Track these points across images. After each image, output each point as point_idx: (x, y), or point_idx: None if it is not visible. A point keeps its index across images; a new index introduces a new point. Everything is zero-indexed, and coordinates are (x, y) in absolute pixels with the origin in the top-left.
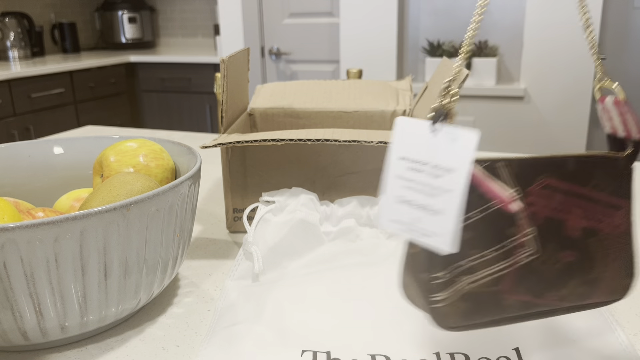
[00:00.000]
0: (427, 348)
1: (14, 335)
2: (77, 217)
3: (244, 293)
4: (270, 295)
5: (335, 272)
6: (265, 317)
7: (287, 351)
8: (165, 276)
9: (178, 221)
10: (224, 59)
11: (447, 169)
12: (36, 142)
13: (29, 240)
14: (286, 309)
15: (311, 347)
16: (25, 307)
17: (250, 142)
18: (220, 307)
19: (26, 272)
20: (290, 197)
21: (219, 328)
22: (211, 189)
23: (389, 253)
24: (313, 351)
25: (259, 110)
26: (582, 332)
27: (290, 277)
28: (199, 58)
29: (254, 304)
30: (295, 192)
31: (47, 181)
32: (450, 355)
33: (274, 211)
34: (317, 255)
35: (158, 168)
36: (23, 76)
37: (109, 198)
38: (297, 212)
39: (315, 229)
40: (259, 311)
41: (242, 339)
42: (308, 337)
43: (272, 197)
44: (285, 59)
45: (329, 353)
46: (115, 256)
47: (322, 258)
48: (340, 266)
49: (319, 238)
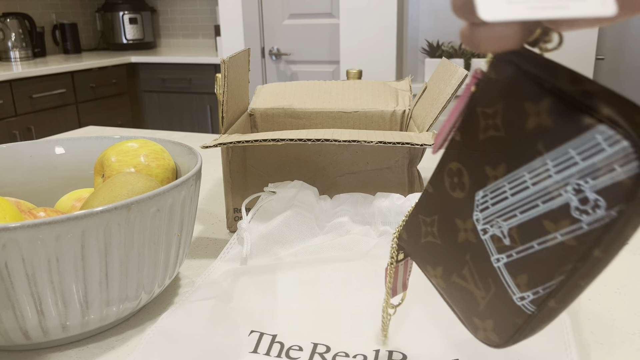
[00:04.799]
0: (370, 345)
1: (15, 334)
2: (79, 217)
3: (226, 273)
4: (246, 277)
5: (313, 263)
6: (232, 297)
7: (236, 329)
8: (166, 276)
9: (179, 221)
10: (225, 60)
11: None
12: (37, 142)
13: (30, 240)
14: (252, 291)
15: (259, 329)
16: (26, 307)
17: (250, 142)
18: (198, 282)
19: (27, 272)
20: (291, 189)
21: (187, 302)
22: (212, 188)
23: (368, 249)
24: (260, 332)
25: (259, 111)
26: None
27: (273, 264)
28: (200, 59)
29: (228, 284)
30: (297, 185)
31: (49, 181)
32: (389, 352)
33: (273, 201)
34: (306, 246)
35: (159, 168)
36: (24, 76)
37: (110, 198)
38: (294, 204)
39: (309, 221)
40: (229, 290)
41: (201, 313)
42: (261, 320)
43: (275, 188)
44: (286, 59)
45: (275, 336)
46: (117, 256)
47: (308, 249)
48: (320, 258)
49: (312, 230)
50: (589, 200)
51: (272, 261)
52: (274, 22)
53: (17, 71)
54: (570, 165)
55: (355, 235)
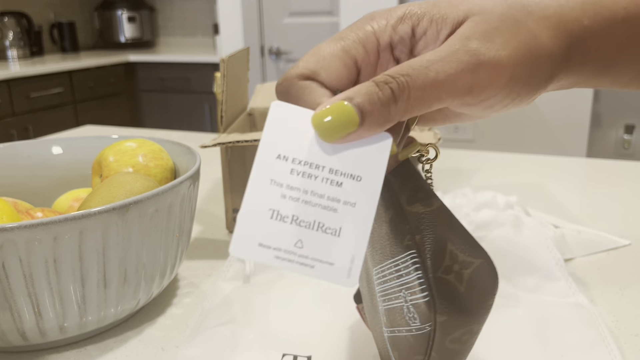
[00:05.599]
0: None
1: (12, 335)
2: (76, 217)
3: (232, 294)
4: (258, 297)
5: None
6: (250, 319)
7: (268, 354)
8: (164, 277)
9: (177, 221)
10: (224, 59)
11: (350, 175)
12: (35, 142)
13: (27, 241)
14: (272, 311)
15: (292, 351)
16: (24, 308)
17: (250, 141)
18: (207, 307)
19: (25, 273)
20: None
21: (202, 328)
22: (211, 189)
23: None
24: (294, 355)
25: (258, 110)
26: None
27: (281, 280)
28: (199, 57)
29: (240, 305)
30: None
31: (46, 181)
32: None
33: None
34: None
35: (157, 168)
36: (22, 76)
37: (108, 198)
38: None
39: None
40: (245, 313)
41: (224, 341)
42: (290, 341)
43: None
44: (285, 58)
45: (310, 357)
46: (115, 256)
47: None
48: None
49: None
50: (410, 311)
51: (278, 276)
52: (274, 21)
53: (14, 70)
54: (400, 275)
55: None
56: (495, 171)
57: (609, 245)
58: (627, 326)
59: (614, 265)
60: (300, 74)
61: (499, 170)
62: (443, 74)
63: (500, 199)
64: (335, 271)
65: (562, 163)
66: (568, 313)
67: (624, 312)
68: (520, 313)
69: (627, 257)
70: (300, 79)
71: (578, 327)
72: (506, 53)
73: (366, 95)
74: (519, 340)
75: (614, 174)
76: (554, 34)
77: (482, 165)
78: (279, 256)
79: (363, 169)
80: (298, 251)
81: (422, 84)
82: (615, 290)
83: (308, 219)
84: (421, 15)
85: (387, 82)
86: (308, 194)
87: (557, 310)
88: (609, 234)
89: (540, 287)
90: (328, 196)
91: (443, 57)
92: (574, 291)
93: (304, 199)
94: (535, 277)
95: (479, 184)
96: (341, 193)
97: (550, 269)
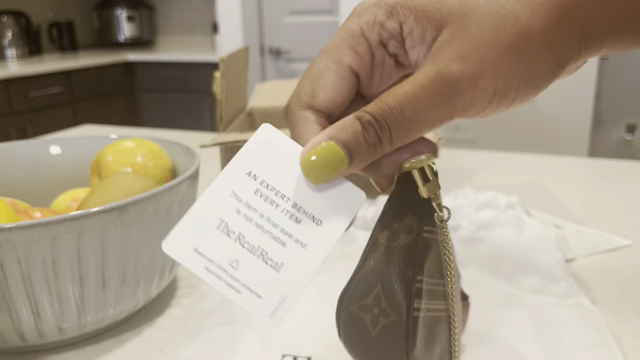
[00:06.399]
0: None
1: (11, 336)
2: (75, 217)
3: None
4: None
5: (325, 275)
6: (250, 320)
7: (267, 354)
8: (163, 277)
9: (176, 222)
10: (224, 58)
11: (312, 217)
12: (33, 141)
13: (26, 241)
14: None
15: (292, 352)
16: (22, 309)
17: None
18: (206, 307)
19: (23, 273)
20: None
21: (202, 329)
22: None
23: None
24: (294, 356)
25: (258, 109)
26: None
27: None
28: (198, 57)
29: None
30: None
31: (45, 181)
32: None
33: None
34: None
35: (156, 168)
36: (20, 75)
37: (106, 198)
38: None
39: None
40: (244, 313)
41: (224, 341)
42: (290, 341)
43: None
44: (285, 57)
45: (310, 358)
46: (113, 257)
47: None
48: (331, 270)
49: None
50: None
51: None
52: (274, 20)
53: (13, 70)
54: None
55: (361, 244)
56: (497, 171)
57: (611, 246)
58: (628, 327)
59: (616, 266)
60: (298, 102)
61: (500, 170)
62: (418, 113)
63: (501, 199)
64: (260, 305)
65: (564, 163)
66: (569, 314)
67: (626, 313)
68: (522, 314)
69: (628, 258)
70: (300, 108)
71: (579, 327)
72: (486, 68)
73: (353, 135)
74: (520, 341)
75: (615, 173)
76: (545, 15)
77: (483, 165)
78: (209, 268)
79: (326, 216)
80: (231, 270)
81: (400, 126)
82: (617, 291)
83: (253, 243)
84: (408, 13)
85: (370, 122)
86: (263, 218)
87: (558, 311)
88: (611, 234)
89: (541, 287)
90: (282, 228)
91: (417, 92)
92: (575, 292)
93: (257, 222)
94: (537, 278)
95: (480, 184)
96: (297, 230)
97: (552, 269)
